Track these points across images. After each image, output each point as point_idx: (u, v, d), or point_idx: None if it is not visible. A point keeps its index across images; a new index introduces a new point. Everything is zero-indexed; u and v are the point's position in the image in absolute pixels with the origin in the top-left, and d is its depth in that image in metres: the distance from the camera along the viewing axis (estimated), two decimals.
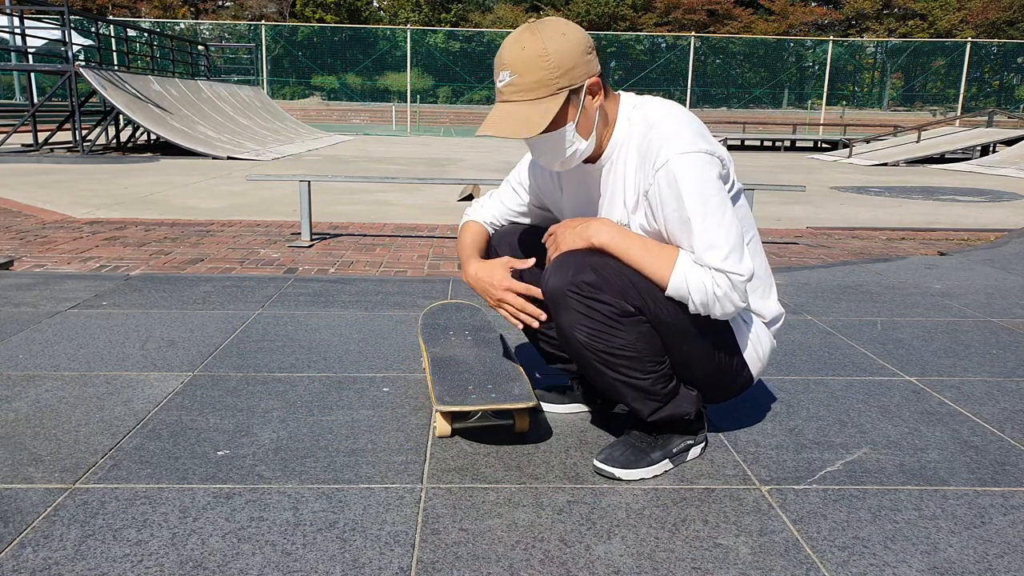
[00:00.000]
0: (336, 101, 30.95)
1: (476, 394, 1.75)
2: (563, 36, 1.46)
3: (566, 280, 1.51)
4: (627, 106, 1.60)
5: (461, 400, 1.72)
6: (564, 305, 1.52)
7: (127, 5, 35.93)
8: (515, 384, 1.81)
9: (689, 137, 1.50)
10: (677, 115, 1.55)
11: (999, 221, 5.90)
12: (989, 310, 3.10)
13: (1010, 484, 1.64)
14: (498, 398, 1.73)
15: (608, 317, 1.51)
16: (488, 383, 1.82)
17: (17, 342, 2.46)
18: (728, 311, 1.50)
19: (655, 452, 1.66)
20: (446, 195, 6.82)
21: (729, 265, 1.46)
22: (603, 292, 1.50)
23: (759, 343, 1.68)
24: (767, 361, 1.72)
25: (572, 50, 1.46)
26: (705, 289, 1.47)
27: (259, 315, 2.82)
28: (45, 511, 1.46)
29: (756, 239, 1.67)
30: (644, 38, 32.96)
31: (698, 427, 1.72)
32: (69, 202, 5.88)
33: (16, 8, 11.19)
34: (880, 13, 37.51)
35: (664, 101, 1.62)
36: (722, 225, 1.46)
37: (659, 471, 1.66)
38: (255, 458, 1.69)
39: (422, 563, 1.32)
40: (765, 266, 1.70)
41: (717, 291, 1.47)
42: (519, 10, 39.36)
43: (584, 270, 1.50)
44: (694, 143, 1.49)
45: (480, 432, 1.83)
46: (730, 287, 1.47)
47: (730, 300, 1.48)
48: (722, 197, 1.49)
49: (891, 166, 11.98)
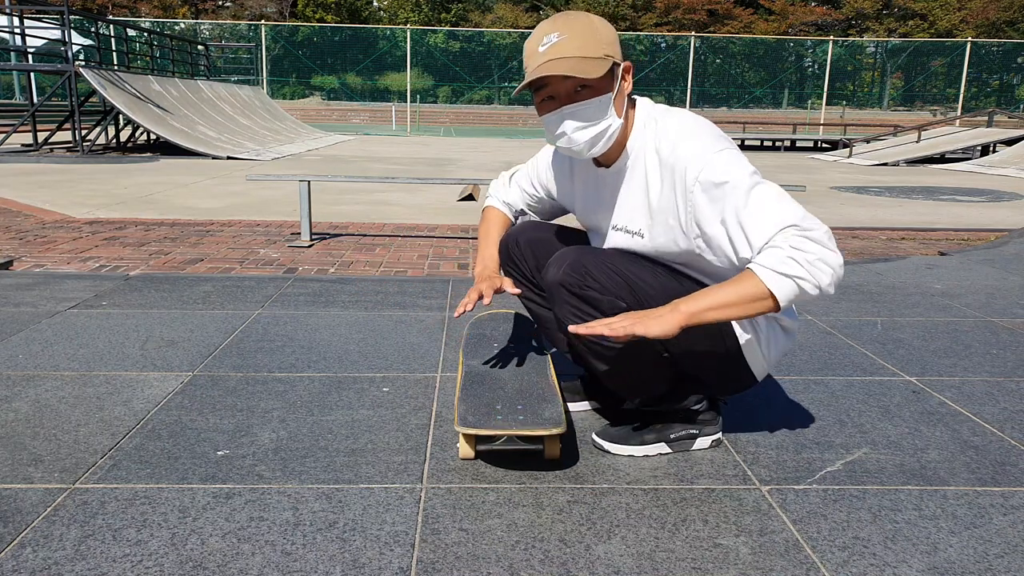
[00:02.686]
0: (336, 101, 30.95)
1: (503, 415, 1.63)
2: (601, 19, 1.52)
3: (559, 274, 1.56)
4: (644, 113, 1.59)
5: (484, 422, 1.61)
6: (558, 298, 1.59)
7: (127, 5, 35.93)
8: (547, 406, 1.66)
9: (711, 142, 1.50)
10: (693, 126, 1.54)
11: (999, 221, 5.90)
12: (989, 310, 3.10)
13: (1010, 484, 1.64)
14: (525, 421, 1.60)
15: (597, 312, 1.55)
16: (519, 403, 1.69)
17: (17, 342, 2.46)
18: (833, 273, 1.40)
19: (649, 434, 1.72)
20: (446, 195, 6.82)
21: (806, 225, 1.41)
22: (591, 288, 1.54)
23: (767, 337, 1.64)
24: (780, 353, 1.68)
25: (611, 31, 1.52)
26: (799, 265, 1.38)
27: (259, 315, 2.82)
28: (45, 511, 1.46)
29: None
30: (644, 38, 32.95)
31: (705, 419, 1.74)
32: (69, 202, 5.88)
33: (16, 8, 11.20)
34: (880, 13, 37.51)
35: (675, 112, 1.60)
36: (780, 200, 1.44)
37: (651, 451, 1.71)
38: (255, 458, 1.69)
39: (422, 563, 1.32)
40: None
41: (809, 257, 1.38)
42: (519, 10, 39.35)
43: (576, 266, 1.54)
44: (717, 145, 1.49)
45: (506, 456, 1.70)
46: (818, 247, 1.39)
47: (825, 262, 1.39)
48: (762, 179, 1.48)
49: (891, 166, 11.98)
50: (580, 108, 1.48)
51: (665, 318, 1.40)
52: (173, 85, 13.27)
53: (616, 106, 1.51)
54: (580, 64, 1.43)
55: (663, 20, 37.05)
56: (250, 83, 18.75)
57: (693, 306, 1.41)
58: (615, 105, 1.51)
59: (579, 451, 1.75)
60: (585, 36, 1.46)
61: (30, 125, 11.20)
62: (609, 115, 1.50)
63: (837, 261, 1.41)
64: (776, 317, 1.64)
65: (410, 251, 4.22)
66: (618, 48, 1.51)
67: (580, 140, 1.51)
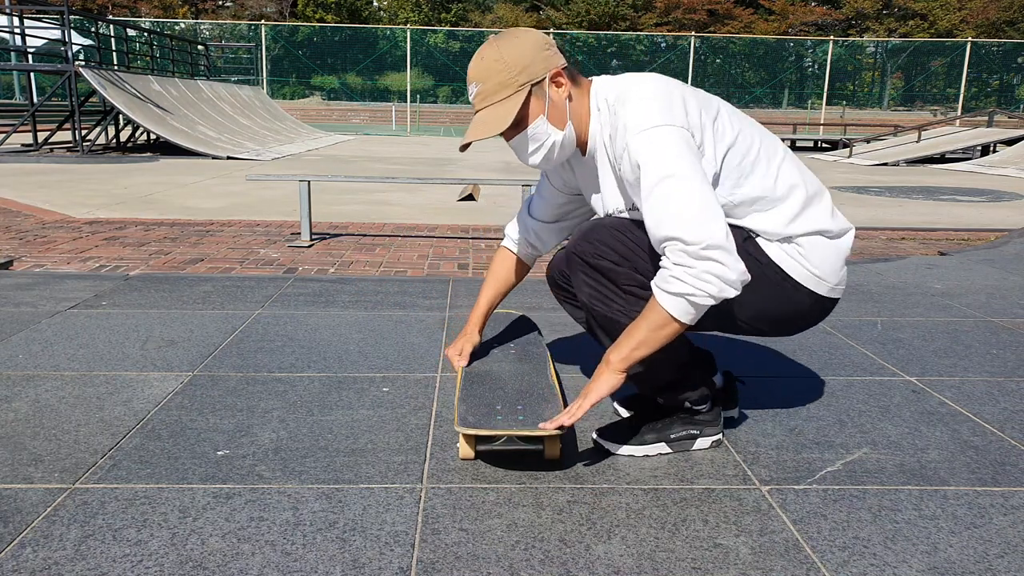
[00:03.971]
0: (336, 101, 30.95)
1: (503, 415, 1.64)
2: (516, 39, 1.55)
3: (575, 246, 1.64)
4: (597, 95, 1.61)
5: (485, 422, 1.61)
6: (572, 268, 1.65)
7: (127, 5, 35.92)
8: (548, 406, 1.67)
9: (646, 114, 1.49)
10: (639, 91, 1.54)
11: (999, 221, 5.90)
12: (989, 310, 3.10)
13: (1010, 484, 1.64)
14: (525, 421, 1.60)
15: (611, 283, 1.60)
16: (519, 403, 1.69)
17: (17, 342, 2.46)
18: (718, 280, 1.41)
19: (649, 434, 1.73)
20: (446, 195, 6.82)
21: (690, 238, 1.41)
22: (604, 259, 1.59)
23: (817, 256, 1.61)
24: (837, 273, 1.64)
25: (526, 49, 1.54)
26: (683, 283, 1.42)
27: (259, 315, 2.82)
28: (45, 511, 1.46)
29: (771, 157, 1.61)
30: (644, 38, 32.95)
31: (706, 419, 1.75)
32: (69, 202, 5.88)
33: (16, 8, 11.19)
34: (880, 13, 37.50)
35: (630, 78, 1.60)
36: (680, 202, 1.43)
37: (651, 451, 1.72)
38: (255, 458, 1.69)
39: (422, 563, 1.32)
40: (791, 181, 1.61)
41: (692, 271, 1.41)
42: (519, 10, 39.38)
43: (590, 235, 1.62)
44: (650, 119, 1.48)
45: (506, 457, 1.70)
46: (697, 261, 1.41)
47: (709, 272, 1.41)
48: (684, 167, 1.44)
49: (891, 166, 11.98)
50: (517, 141, 1.60)
51: (604, 376, 1.53)
52: (173, 85, 13.27)
53: (554, 120, 1.57)
54: (495, 115, 1.53)
55: (663, 20, 37.05)
56: (250, 83, 18.75)
57: (619, 353, 1.52)
58: (551, 121, 1.57)
59: (579, 451, 1.76)
60: (497, 76, 1.53)
61: (30, 125, 11.20)
62: (549, 134, 1.58)
63: (719, 270, 1.42)
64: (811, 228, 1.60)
65: (410, 251, 4.22)
66: (541, 61, 1.54)
67: (535, 160, 1.62)
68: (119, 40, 16.11)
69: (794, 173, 1.63)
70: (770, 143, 1.65)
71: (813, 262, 1.62)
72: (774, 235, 1.61)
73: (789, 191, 1.61)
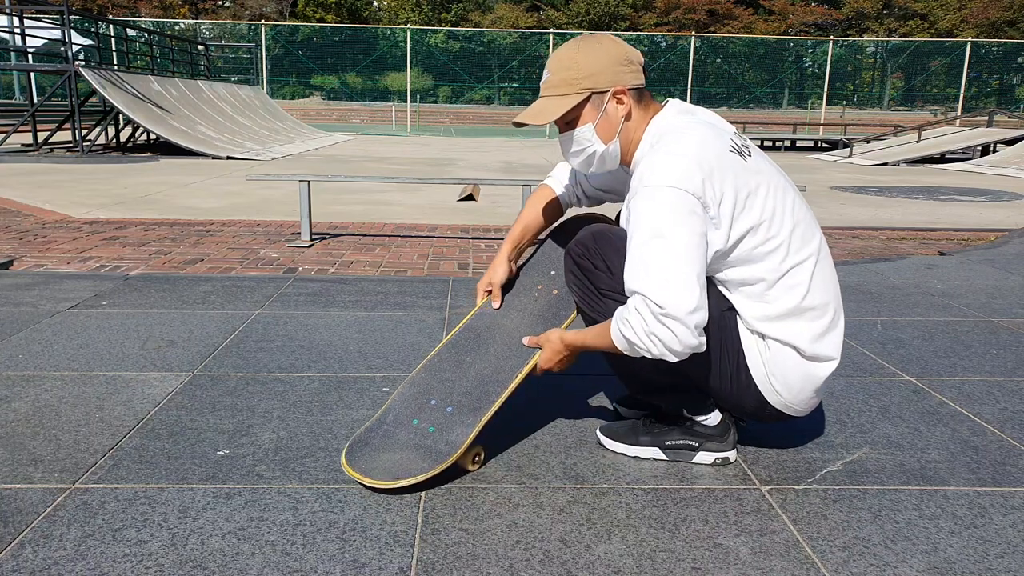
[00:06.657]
0: (336, 101, 30.98)
1: (421, 418, 1.64)
2: (598, 45, 1.59)
3: (577, 241, 1.64)
4: (656, 129, 1.58)
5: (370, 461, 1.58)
6: (567, 257, 1.66)
7: (127, 5, 35.92)
8: (463, 424, 1.61)
9: (665, 171, 1.46)
10: (675, 145, 1.50)
11: (999, 221, 5.90)
12: (989, 310, 3.10)
13: (1010, 484, 1.64)
14: (437, 432, 1.61)
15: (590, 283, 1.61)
16: (463, 396, 1.67)
17: (17, 342, 2.46)
18: (663, 346, 1.42)
19: (644, 436, 1.73)
20: (446, 195, 6.82)
21: (659, 300, 1.39)
22: (587, 259, 1.61)
23: (779, 367, 1.57)
24: (797, 395, 1.60)
25: (601, 58, 1.57)
26: (633, 331, 1.44)
27: (259, 315, 2.82)
28: (45, 511, 1.46)
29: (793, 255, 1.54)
30: (644, 38, 32.94)
31: (709, 434, 1.69)
32: (69, 202, 5.88)
33: (16, 8, 11.19)
34: (880, 13, 37.52)
35: (682, 125, 1.55)
36: (660, 266, 1.41)
37: (643, 453, 1.72)
38: (255, 458, 1.69)
39: (422, 563, 1.32)
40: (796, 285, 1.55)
41: (647, 328, 1.42)
42: (519, 10, 39.36)
43: (592, 240, 1.62)
44: (666, 177, 1.45)
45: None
46: (657, 323, 1.41)
47: (659, 337, 1.41)
48: (677, 233, 1.42)
49: (891, 166, 11.98)
50: (564, 138, 1.65)
51: (547, 347, 1.66)
52: (173, 85, 13.27)
53: (601, 131, 1.60)
54: (548, 106, 1.59)
55: (663, 20, 37.08)
56: (250, 83, 18.75)
57: (575, 336, 1.61)
58: (598, 131, 1.60)
59: (579, 451, 1.75)
60: (564, 72, 1.58)
61: (30, 125, 11.20)
62: (592, 142, 1.61)
63: (667, 338, 1.41)
64: (786, 338, 1.56)
65: (410, 251, 4.22)
66: (611, 74, 1.56)
67: (575, 162, 1.69)
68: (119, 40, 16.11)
69: (806, 285, 1.55)
70: (802, 243, 1.56)
71: (773, 370, 1.58)
72: (748, 323, 1.58)
73: (786, 292, 1.55)
